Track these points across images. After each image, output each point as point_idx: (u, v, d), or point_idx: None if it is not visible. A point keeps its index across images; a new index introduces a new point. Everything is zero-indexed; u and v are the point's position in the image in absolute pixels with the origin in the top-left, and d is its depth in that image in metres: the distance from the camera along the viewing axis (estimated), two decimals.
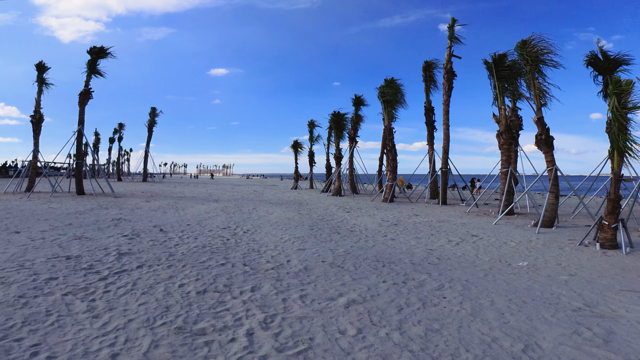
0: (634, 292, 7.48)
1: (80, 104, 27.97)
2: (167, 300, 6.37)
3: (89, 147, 48.70)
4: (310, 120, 46.63)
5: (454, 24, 27.81)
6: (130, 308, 5.96)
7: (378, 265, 9.12)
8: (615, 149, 12.06)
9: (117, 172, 65.65)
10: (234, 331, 5.26)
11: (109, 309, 5.91)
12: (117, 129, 68.64)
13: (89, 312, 5.76)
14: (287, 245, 11.25)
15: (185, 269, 8.35)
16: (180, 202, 24.35)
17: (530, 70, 16.87)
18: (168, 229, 13.35)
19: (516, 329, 5.53)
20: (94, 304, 6.08)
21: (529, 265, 9.52)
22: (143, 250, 10.07)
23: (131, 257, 9.21)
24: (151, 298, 6.43)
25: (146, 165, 59.43)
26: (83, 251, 9.70)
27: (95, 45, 29.00)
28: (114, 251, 9.77)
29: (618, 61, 15.30)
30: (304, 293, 6.95)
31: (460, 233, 14.15)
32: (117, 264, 8.54)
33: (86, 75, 28.60)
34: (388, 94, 28.81)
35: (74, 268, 8.12)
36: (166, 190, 36.30)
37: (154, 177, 73.11)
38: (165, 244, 10.88)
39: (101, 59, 29.17)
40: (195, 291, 6.85)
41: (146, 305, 6.11)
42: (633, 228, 15.41)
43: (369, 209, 22.68)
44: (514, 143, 20.95)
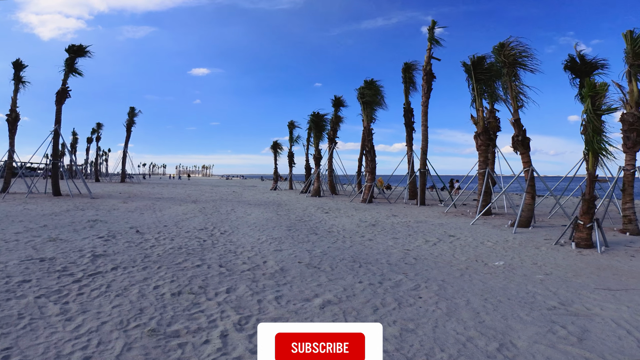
0: (608, 291, 7.53)
1: (58, 103, 27.43)
2: (142, 302, 6.22)
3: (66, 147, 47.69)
4: (290, 121, 46.54)
5: (434, 26, 27.95)
6: (103, 310, 5.81)
7: (355, 266, 9.06)
8: (590, 151, 12.19)
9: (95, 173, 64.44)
10: (208, 333, 5.16)
11: (82, 311, 5.75)
12: (95, 129, 67.56)
13: (61, 314, 5.60)
14: (264, 247, 11.12)
15: (160, 270, 8.19)
16: (158, 203, 24.00)
17: (507, 72, 16.99)
18: (144, 230, 13.12)
19: (491, 328, 5.50)
20: (67, 307, 5.91)
21: (505, 265, 9.54)
22: (118, 252, 9.84)
23: (106, 259, 9.00)
24: (125, 300, 6.28)
25: (124, 166, 58.69)
26: (57, 253, 9.45)
27: (74, 44, 28.43)
28: (88, 253, 9.53)
29: (594, 65, 15.57)
30: (280, 294, 6.86)
31: (437, 233, 14.17)
32: (91, 266, 8.33)
33: (64, 74, 28.03)
34: (367, 95, 28.82)
35: (48, 270, 7.90)
36: (144, 191, 35.81)
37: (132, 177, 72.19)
38: (141, 246, 10.67)
39: (80, 57, 28.60)
40: (170, 293, 6.71)
41: (120, 307, 5.96)
42: (608, 227, 15.58)
43: (348, 209, 22.64)
44: (491, 144, 21.11)
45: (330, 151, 36.40)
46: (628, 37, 15.20)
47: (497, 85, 20.30)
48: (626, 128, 14.86)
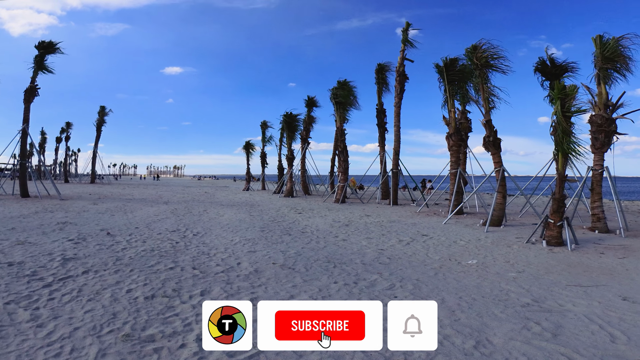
0: (579, 287, 7.65)
1: (26, 102, 26.62)
2: (114, 306, 6.05)
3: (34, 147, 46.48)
4: (263, 121, 46.17)
5: (408, 28, 28.08)
6: (76, 316, 5.63)
7: (329, 266, 9.01)
8: (559, 151, 12.43)
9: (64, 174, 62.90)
10: (184, 337, 5.06)
11: (53, 317, 5.56)
12: (65, 128, 65.96)
13: (32, 321, 5.40)
14: (238, 248, 10.99)
15: (133, 273, 7.99)
16: (129, 204, 23.53)
17: (479, 74, 17.18)
18: (116, 233, 12.81)
19: (467, 325, 5.52)
20: (37, 313, 5.70)
21: (479, 263, 9.63)
22: (89, 255, 9.58)
23: (77, 263, 8.74)
24: (98, 305, 6.10)
25: (94, 166, 57.47)
26: (26, 257, 9.13)
27: (44, 40, 27.63)
28: (58, 256, 9.23)
29: (564, 68, 15.83)
30: (255, 296, 6.76)
31: (410, 233, 14.23)
32: (62, 270, 8.07)
33: (33, 72, 27.20)
34: (340, 95, 28.87)
35: (17, 275, 7.62)
36: (115, 192, 35.11)
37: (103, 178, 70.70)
38: (113, 248, 10.41)
39: (50, 54, 27.77)
40: (143, 296, 6.55)
41: (92, 312, 5.78)
42: (577, 226, 15.88)
43: (321, 210, 22.61)
44: (463, 145, 21.33)
45: (303, 151, 36.33)
46: (597, 41, 15.55)
47: (469, 86, 20.57)
48: (595, 129, 15.19)
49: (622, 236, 13.85)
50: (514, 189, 21.43)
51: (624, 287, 7.76)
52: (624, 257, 10.51)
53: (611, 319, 5.91)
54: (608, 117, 15.06)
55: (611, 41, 15.31)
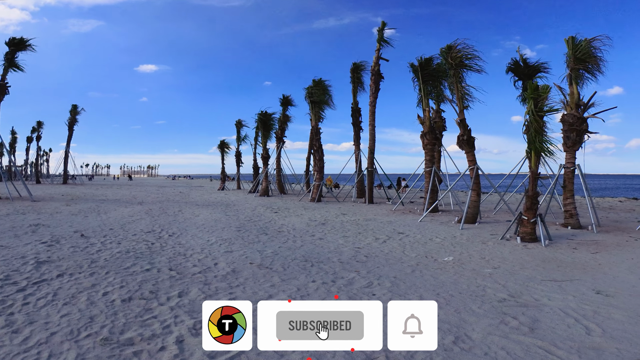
0: (554, 282, 7.77)
1: None
2: (91, 310, 5.90)
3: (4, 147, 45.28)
4: (238, 119, 45.89)
5: (384, 27, 28.16)
6: (52, 320, 5.47)
7: (307, 265, 8.98)
8: (532, 149, 12.62)
9: (36, 174, 61.45)
10: (163, 339, 4.96)
11: (29, 322, 5.39)
12: (36, 128, 64.37)
13: (7, 327, 5.22)
14: (214, 248, 10.87)
15: (108, 276, 7.81)
16: (102, 205, 23.04)
17: (454, 74, 17.33)
18: (90, 234, 12.53)
19: (445, 321, 5.54)
20: (12, 318, 5.52)
21: (455, 260, 9.71)
22: (63, 257, 9.32)
23: (51, 266, 8.49)
24: (74, 309, 5.93)
25: (66, 167, 56.27)
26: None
27: (15, 37, 26.93)
28: (32, 260, 8.95)
29: (537, 68, 16.10)
30: (233, 296, 6.68)
31: (387, 231, 14.28)
32: (35, 274, 7.83)
33: (3, 69, 26.40)
34: (315, 94, 28.85)
35: None
36: (88, 193, 34.41)
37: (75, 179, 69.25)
38: (87, 250, 10.16)
39: (21, 51, 27.04)
40: (120, 299, 6.41)
41: (69, 316, 5.63)
42: (551, 222, 16.15)
43: (297, 209, 22.55)
44: (437, 143, 21.51)
45: (278, 150, 36.22)
46: (570, 42, 15.86)
47: (444, 86, 20.70)
48: (566, 128, 15.50)
49: (594, 232, 14.14)
50: (488, 187, 21.73)
51: (597, 281, 7.92)
52: (596, 252, 10.74)
53: (586, 312, 6.01)
54: (579, 116, 15.37)
55: (583, 42, 15.63)
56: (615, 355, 4.64)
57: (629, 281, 7.92)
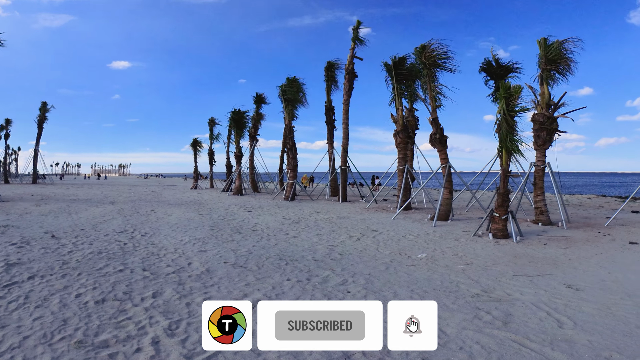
0: (526, 277, 7.89)
1: None
2: (64, 312, 5.76)
3: None
4: (211, 118, 45.45)
5: (359, 26, 28.29)
6: (24, 324, 5.32)
7: (281, 264, 8.94)
8: (503, 148, 12.81)
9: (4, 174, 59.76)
10: (139, 340, 4.88)
11: (0, 326, 5.23)
12: (4, 126, 62.55)
13: None
14: (188, 248, 10.73)
15: (81, 277, 7.63)
16: (73, 205, 22.52)
17: (427, 73, 17.44)
18: (61, 235, 12.22)
19: None
20: None
21: (428, 257, 9.77)
22: (34, 259, 9.07)
23: (21, 268, 8.25)
24: (46, 311, 5.78)
25: (36, 166, 54.95)
26: None
27: None
28: (1, 262, 8.67)
29: (509, 68, 16.30)
30: (208, 296, 6.61)
31: (360, 228, 14.31)
32: (6, 276, 7.59)
33: None
34: (289, 92, 28.74)
35: None
36: (58, 193, 33.59)
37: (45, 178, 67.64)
38: (58, 252, 9.90)
39: None
40: (93, 301, 6.26)
41: (42, 319, 5.48)
42: (522, 219, 16.40)
43: (271, 207, 22.43)
44: (410, 142, 21.64)
45: (251, 149, 36.02)
46: (542, 43, 16.11)
47: (417, 85, 20.83)
48: (537, 127, 15.76)
49: (564, 228, 14.43)
50: (461, 185, 21.96)
51: (568, 275, 8.07)
52: (566, 248, 10.94)
53: (557, 306, 6.11)
54: (550, 115, 15.63)
55: (555, 44, 15.90)
56: (586, 347, 4.73)
57: (598, 275, 8.09)
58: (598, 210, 21.11)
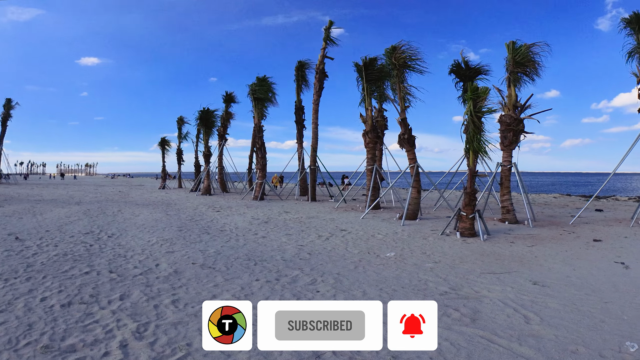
0: (493, 274, 7.98)
1: None
2: (29, 316, 5.54)
3: None
4: (180, 116, 44.84)
5: (331, 26, 28.26)
6: None
7: (250, 264, 8.85)
8: (470, 148, 12.97)
9: None
10: (107, 344, 4.74)
11: None
12: None
13: None
14: (155, 249, 10.52)
15: (46, 280, 7.38)
16: (38, 206, 21.86)
17: (397, 74, 17.54)
18: (25, 237, 11.82)
19: None
20: None
21: (397, 256, 9.79)
22: None
23: None
24: (11, 316, 5.56)
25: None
26: None
27: None
28: None
29: (478, 70, 16.55)
30: (176, 297, 6.48)
31: (329, 228, 14.29)
32: None
33: None
34: (259, 91, 28.56)
35: None
36: (22, 193, 32.58)
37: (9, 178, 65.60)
38: (22, 254, 9.57)
39: None
40: (59, 304, 6.05)
41: (6, 324, 5.26)
42: (489, 218, 16.63)
43: (239, 207, 22.25)
44: (379, 142, 21.76)
45: (220, 148, 35.73)
46: (510, 46, 16.39)
47: (387, 85, 20.96)
48: (504, 128, 16.02)
49: (530, 226, 14.69)
50: (429, 184, 22.17)
51: (534, 272, 8.19)
52: (532, 246, 11.13)
53: (524, 302, 6.19)
54: (516, 117, 15.91)
55: (523, 47, 16.20)
56: (553, 342, 4.79)
57: (563, 272, 8.24)
58: (563, 209, 21.63)
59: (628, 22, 16.51)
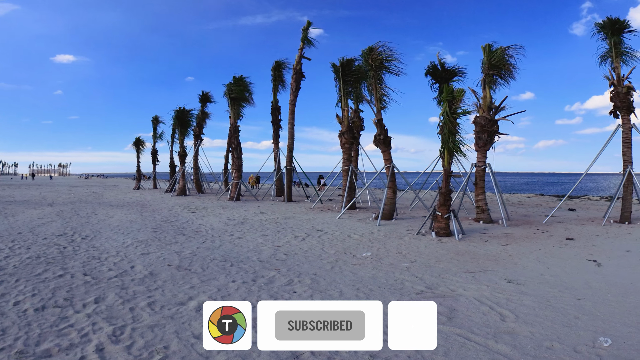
0: (468, 273, 8.05)
1: None
2: (2, 321, 5.39)
3: None
4: (155, 116, 44.25)
5: (309, 27, 28.21)
6: None
7: (226, 265, 8.78)
8: (445, 149, 13.09)
9: None
10: (82, 348, 4.64)
11: None
12: None
13: None
14: (130, 250, 10.35)
15: (18, 284, 7.19)
16: (9, 207, 21.32)
17: (373, 75, 17.62)
18: None
19: None
20: None
21: (373, 256, 9.82)
22: None
23: None
24: None
25: None
26: None
27: None
28: None
29: (454, 72, 16.63)
30: (152, 300, 6.38)
31: (306, 228, 14.27)
32: None
33: None
34: (235, 91, 28.38)
35: None
36: None
37: None
38: None
39: None
40: (33, 308, 5.89)
41: None
42: (463, 217, 16.83)
43: (215, 208, 22.09)
44: (355, 142, 21.82)
45: (196, 148, 35.39)
46: (486, 49, 16.61)
47: (363, 86, 21.02)
48: (478, 129, 16.22)
49: (504, 226, 14.92)
50: (405, 184, 22.30)
51: (509, 270, 8.31)
52: (507, 244, 11.29)
53: (499, 300, 6.26)
54: (491, 118, 16.12)
55: (498, 50, 16.43)
56: (529, 338, 4.85)
57: (537, 270, 8.38)
58: (537, 209, 22.00)
59: (601, 27, 16.85)
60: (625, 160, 16.00)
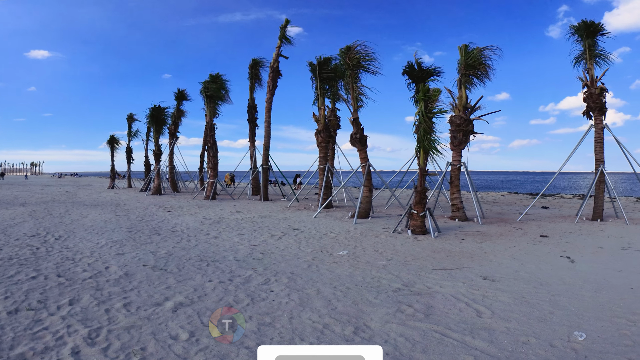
0: (444, 270, 8.11)
1: None
2: None
3: None
4: (130, 113, 43.62)
5: (287, 25, 28.12)
6: None
7: (202, 265, 8.70)
8: (421, 148, 13.17)
9: None
10: (58, 352, 4.53)
11: None
12: None
13: None
14: (105, 251, 10.17)
15: None
16: None
17: (350, 74, 17.68)
18: None
19: (344, 313, 5.56)
20: None
21: (349, 254, 9.82)
22: None
23: None
24: None
25: None
26: None
27: None
28: None
29: (430, 72, 16.78)
30: (128, 301, 6.26)
31: (282, 227, 14.22)
32: None
33: None
34: (211, 89, 28.17)
35: None
36: None
37: None
38: None
39: None
40: (5, 311, 5.73)
41: None
42: (439, 215, 17.01)
43: (191, 207, 21.89)
44: (331, 141, 21.86)
45: (171, 147, 35.07)
46: (463, 50, 16.80)
47: (340, 85, 21.05)
48: (454, 129, 16.40)
49: (479, 223, 15.13)
50: (381, 183, 22.41)
51: (484, 267, 8.40)
52: (482, 242, 11.42)
53: (475, 297, 6.32)
54: (466, 118, 16.31)
55: (475, 50, 16.64)
56: (505, 334, 4.90)
57: (512, 267, 8.49)
58: (511, 207, 22.35)
59: (576, 29, 17.22)
60: (598, 159, 16.39)
